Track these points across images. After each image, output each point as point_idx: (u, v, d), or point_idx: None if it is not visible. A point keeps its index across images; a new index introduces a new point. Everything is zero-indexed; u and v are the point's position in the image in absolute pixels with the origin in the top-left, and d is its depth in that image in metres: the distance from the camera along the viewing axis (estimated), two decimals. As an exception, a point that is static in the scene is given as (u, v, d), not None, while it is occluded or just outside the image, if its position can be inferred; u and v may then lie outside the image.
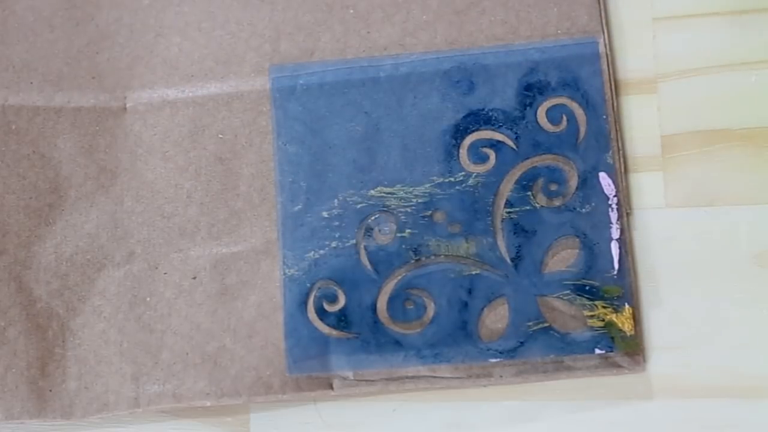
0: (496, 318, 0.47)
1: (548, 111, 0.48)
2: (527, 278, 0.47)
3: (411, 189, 0.48)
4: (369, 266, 0.48)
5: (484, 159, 0.48)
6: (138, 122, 0.51)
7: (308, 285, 0.48)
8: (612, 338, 0.46)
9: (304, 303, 0.48)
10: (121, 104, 0.51)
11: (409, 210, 0.48)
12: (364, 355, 0.47)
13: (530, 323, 0.47)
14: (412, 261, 0.48)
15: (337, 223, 0.48)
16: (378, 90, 0.49)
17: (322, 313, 0.48)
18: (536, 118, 0.48)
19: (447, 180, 0.48)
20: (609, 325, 0.46)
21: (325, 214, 0.49)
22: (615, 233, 0.47)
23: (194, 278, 0.49)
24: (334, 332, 0.48)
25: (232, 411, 0.49)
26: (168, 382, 0.48)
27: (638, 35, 0.49)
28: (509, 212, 0.48)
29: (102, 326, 0.49)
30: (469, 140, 0.48)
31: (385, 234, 0.48)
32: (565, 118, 0.48)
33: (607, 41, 0.48)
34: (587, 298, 0.46)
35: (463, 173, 0.48)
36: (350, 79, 0.49)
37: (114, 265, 0.50)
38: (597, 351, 0.46)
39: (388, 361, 0.47)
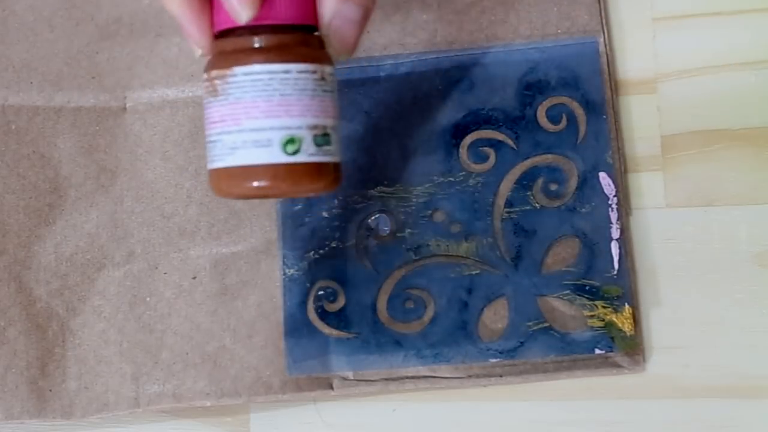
0: (496, 318, 0.47)
1: (548, 110, 0.48)
2: (527, 278, 0.47)
3: (411, 189, 0.48)
4: (369, 266, 0.48)
5: (484, 158, 0.48)
6: (138, 122, 0.51)
7: (308, 285, 0.48)
8: (612, 338, 0.46)
9: (304, 303, 0.48)
10: (121, 104, 0.51)
11: (409, 210, 0.48)
12: (364, 355, 0.47)
13: (530, 323, 0.47)
14: (412, 261, 0.48)
15: (337, 223, 0.48)
16: (378, 90, 0.49)
17: (322, 313, 0.48)
18: (536, 117, 0.48)
19: (447, 180, 0.48)
20: (609, 325, 0.46)
21: (325, 213, 0.49)
22: (615, 233, 0.47)
23: (194, 278, 0.49)
24: (334, 332, 0.48)
25: (232, 411, 0.49)
26: (168, 382, 0.48)
27: (638, 35, 0.49)
28: (509, 212, 0.48)
29: (102, 326, 0.49)
30: (469, 140, 0.48)
31: (385, 234, 0.48)
32: (565, 117, 0.48)
33: (607, 41, 0.48)
34: (587, 298, 0.46)
35: (463, 173, 0.48)
36: (350, 79, 0.49)
37: (114, 265, 0.50)
38: (597, 351, 0.46)
39: (388, 361, 0.47)
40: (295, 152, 0.39)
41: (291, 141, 0.39)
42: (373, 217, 0.48)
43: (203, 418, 0.50)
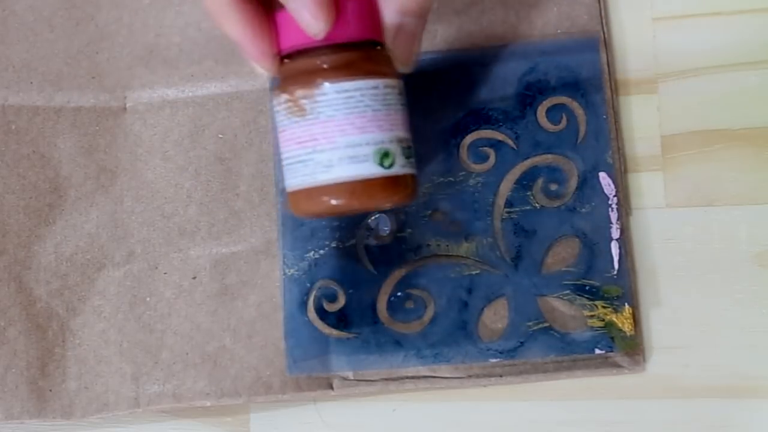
0: (496, 318, 0.47)
1: (548, 110, 0.48)
2: (527, 278, 0.47)
3: (411, 189, 0.48)
4: (369, 266, 0.48)
5: (484, 158, 0.48)
6: (138, 122, 0.51)
7: (308, 285, 0.48)
8: (612, 338, 0.46)
9: (304, 303, 0.48)
10: (121, 104, 0.51)
11: (409, 210, 0.48)
12: (364, 355, 0.47)
13: (530, 323, 0.47)
14: (412, 261, 0.48)
15: (337, 223, 0.48)
16: (378, 90, 0.49)
17: (322, 313, 0.48)
18: (536, 117, 0.48)
19: (447, 180, 0.48)
20: (609, 325, 0.46)
21: (325, 214, 0.49)
22: (615, 233, 0.47)
23: (194, 278, 0.49)
24: (334, 332, 0.48)
25: (232, 411, 0.49)
26: (168, 382, 0.48)
27: (638, 35, 0.49)
28: (509, 212, 0.48)
29: (102, 326, 0.49)
30: (469, 139, 0.48)
31: (385, 233, 0.48)
32: (565, 117, 0.48)
33: (607, 41, 0.48)
34: (587, 298, 0.46)
35: (463, 173, 0.48)
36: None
37: (114, 265, 0.50)
38: (597, 351, 0.46)
39: (388, 361, 0.47)
40: (390, 165, 0.40)
41: (386, 154, 0.40)
42: (373, 217, 0.48)
43: (203, 418, 0.50)
